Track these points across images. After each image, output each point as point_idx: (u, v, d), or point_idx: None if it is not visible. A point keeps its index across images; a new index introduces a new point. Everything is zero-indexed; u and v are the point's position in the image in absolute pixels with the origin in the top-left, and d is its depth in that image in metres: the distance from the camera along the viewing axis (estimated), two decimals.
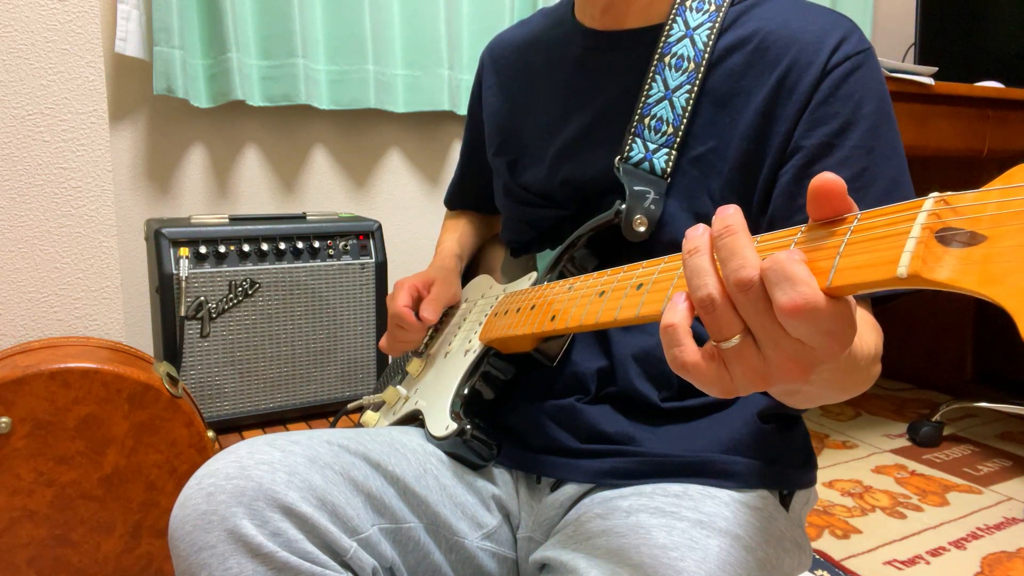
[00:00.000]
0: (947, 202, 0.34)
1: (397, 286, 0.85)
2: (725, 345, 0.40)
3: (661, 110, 0.70)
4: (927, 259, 0.33)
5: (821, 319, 0.36)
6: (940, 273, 0.33)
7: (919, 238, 0.33)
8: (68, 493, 1.10)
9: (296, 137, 2.11)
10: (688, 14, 0.72)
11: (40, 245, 1.20)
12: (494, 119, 0.88)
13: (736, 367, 0.41)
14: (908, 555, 1.37)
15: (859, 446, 1.88)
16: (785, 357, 0.39)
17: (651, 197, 0.69)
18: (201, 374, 1.72)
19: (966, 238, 0.33)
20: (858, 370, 0.48)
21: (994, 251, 0.31)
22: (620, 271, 0.55)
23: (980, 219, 0.32)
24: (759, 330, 0.39)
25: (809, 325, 0.37)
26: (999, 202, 0.32)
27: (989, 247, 0.32)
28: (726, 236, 0.40)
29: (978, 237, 0.32)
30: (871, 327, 0.56)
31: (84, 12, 1.19)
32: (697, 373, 0.41)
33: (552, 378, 0.74)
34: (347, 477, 0.63)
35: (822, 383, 0.44)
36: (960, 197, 0.34)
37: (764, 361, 0.40)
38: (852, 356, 0.45)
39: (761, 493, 0.68)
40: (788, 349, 0.38)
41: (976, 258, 0.32)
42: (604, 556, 0.58)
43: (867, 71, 0.66)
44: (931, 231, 0.34)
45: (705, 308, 0.41)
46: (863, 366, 0.49)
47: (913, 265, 0.33)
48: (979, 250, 0.32)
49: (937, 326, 2.37)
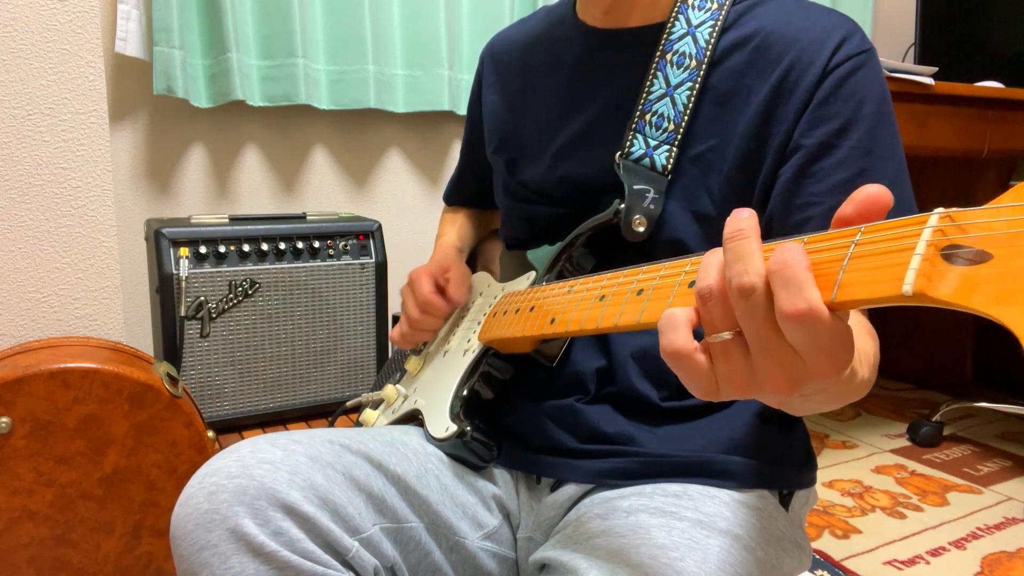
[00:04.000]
0: (952, 218, 0.34)
1: (414, 276, 0.85)
2: (714, 339, 0.40)
3: (662, 107, 0.70)
4: (932, 277, 0.32)
5: (820, 330, 0.36)
6: (945, 292, 0.32)
7: (924, 255, 0.33)
8: (68, 493, 1.10)
9: (296, 137, 2.11)
10: (690, 12, 0.72)
11: (40, 245, 1.20)
12: (494, 117, 0.88)
13: (721, 366, 0.41)
14: (908, 555, 1.37)
15: (859, 446, 1.88)
16: (774, 366, 0.38)
17: (650, 196, 0.69)
18: (201, 374, 1.72)
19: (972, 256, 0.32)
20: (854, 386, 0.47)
21: (1001, 270, 0.31)
22: (620, 275, 0.55)
23: (986, 237, 0.32)
24: (752, 335, 0.39)
25: (807, 333, 0.36)
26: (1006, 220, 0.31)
27: (996, 266, 0.31)
28: (737, 239, 0.40)
29: (984, 255, 0.31)
30: (868, 333, 0.56)
31: (84, 12, 1.19)
32: (683, 362, 0.41)
33: (551, 378, 0.74)
34: (349, 476, 0.63)
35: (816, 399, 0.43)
36: (966, 214, 0.33)
37: (751, 367, 0.40)
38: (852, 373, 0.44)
39: (761, 493, 0.68)
40: (779, 358, 0.38)
41: (982, 277, 0.31)
42: (604, 556, 0.58)
43: (868, 71, 0.66)
44: (936, 248, 0.33)
45: (704, 297, 0.41)
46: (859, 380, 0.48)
47: (918, 283, 0.32)
48: (985, 269, 0.31)
49: (937, 326, 2.37)
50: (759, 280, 0.38)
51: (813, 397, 0.42)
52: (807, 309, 0.36)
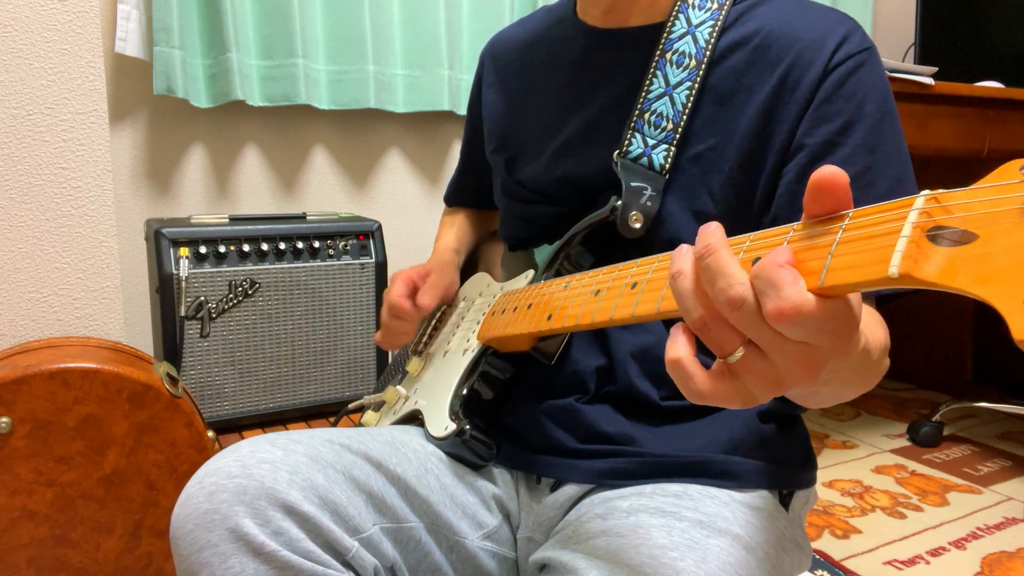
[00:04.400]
0: (938, 200, 0.34)
1: (394, 278, 0.86)
2: (731, 360, 0.40)
3: (661, 106, 0.70)
4: (918, 258, 0.33)
5: (811, 320, 0.36)
6: (931, 272, 0.32)
7: (910, 237, 0.33)
8: (68, 493, 1.10)
9: (296, 137, 2.11)
10: (690, 11, 0.72)
11: (40, 245, 1.20)
12: (493, 116, 0.88)
13: (748, 378, 0.40)
14: (908, 555, 1.37)
15: (859, 446, 1.88)
16: (792, 360, 0.38)
17: (648, 193, 0.69)
18: (201, 374, 1.72)
19: (957, 236, 0.32)
20: (872, 364, 0.48)
21: (986, 250, 0.31)
22: (615, 269, 0.55)
23: (971, 217, 0.32)
24: (761, 340, 0.39)
25: (800, 327, 0.36)
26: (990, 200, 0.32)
27: (981, 246, 0.31)
28: (707, 256, 0.39)
29: (969, 236, 0.32)
30: (876, 322, 0.56)
31: (84, 12, 1.19)
32: (715, 397, 0.41)
33: (551, 377, 0.73)
34: (349, 476, 0.63)
35: (839, 381, 0.43)
36: (951, 195, 0.34)
37: (773, 367, 0.39)
38: (866, 350, 0.44)
39: (761, 493, 0.68)
40: (793, 353, 0.38)
41: (967, 257, 0.31)
42: (604, 556, 0.58)
43: (869, 70, 0.66)
44: (922, 230, 0.33)
45: (701, 329, 0.40)
46: (875, 360, 0.49)
47: (904, 265, 0.33)
48: (970, 249, 0.32)
49: (937, 326, 2.37)
50: (745, 289, 0.38)
51: (832, 381, 0.42)
52: (788, 308, 0.36)
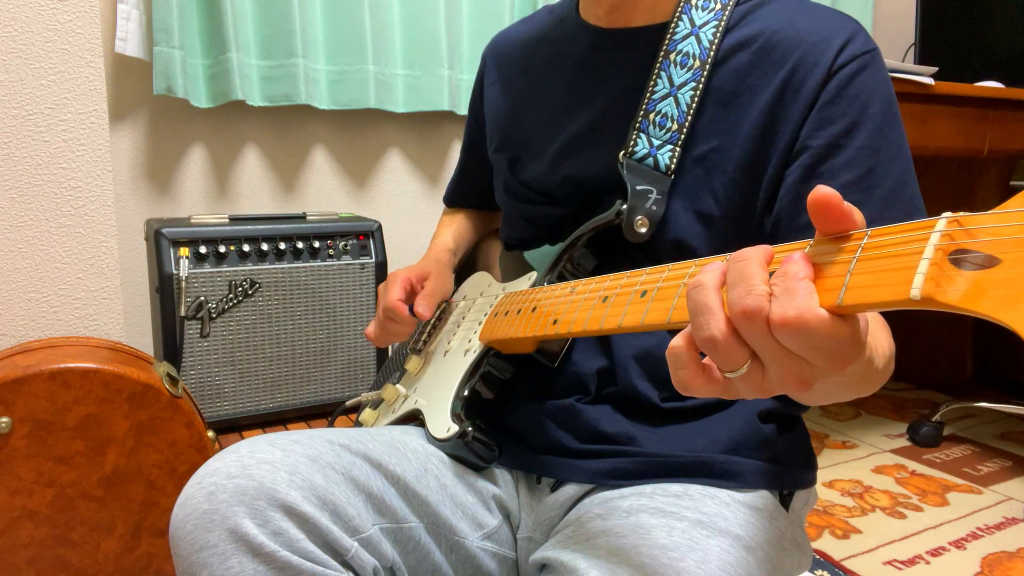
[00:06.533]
0: (960, 223, 0.34)
1: (390, 278, 0.85)
2: (732, 375, 0.40)
3: (666, 106, 0.70)
4: (940, 281, 0.32)
5: (813, 336, 0.36)
6: (953, 296, 0.32)
7: (932, 259, 0.33)
8: (68, 493, 1.10)
9: (296, 137, 2.10)
10: (694, 12, 0.71)
11: (40, 245, 1.20)
12: (495, 116, 0.88)
13: (740, 384, 0.41)
14: (908, 555, 1.36)
15: (859, 446, 1.88)
16: (785, 372, 0.39)
17: (653, 196, 0.69)
18: (201, 374, 1.72)
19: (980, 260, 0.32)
20: (875, 371, 0.48)
21: (1010, 275, 0.31)
22: (623, 276, 0.55)
23: (995, 242, 0.32)
24: (766, 353, 0.39)
25: (800, 339, 0.36)
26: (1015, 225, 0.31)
27: (1004, 271, 0.31)
28: (740, 260, 0.39)
29: (993, 260, 0.32)
30: (881, 326, 0.56)
31: (84, 12, 1.19)
32: (700, 392, 0.42)
33: (552, 378, 0.73)
34: (348, 477, 0.63)
35: (834, 386, 0.43)
36: (974, 218, 0.33)
37: (767, 379, 0.40)
38: (870, 359, 0.44)
39: (761, 493, 0.68)
40: (791, 367, 0.38)
41: (991, 282, 0.31)
42: (604, 556, 0.58)
43: (873, 71, 0.66)
44: (944, 252, 0.33)
45: (708, 346, 0.40)
46: (879, 367, 0.48)
47: (927, 288, 0.32)
48: (994, 273, 0.31)
49: (937, 326, 2.37)
50: (761, 302, 0.38)
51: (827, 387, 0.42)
52: (794, 317, 0.36)
